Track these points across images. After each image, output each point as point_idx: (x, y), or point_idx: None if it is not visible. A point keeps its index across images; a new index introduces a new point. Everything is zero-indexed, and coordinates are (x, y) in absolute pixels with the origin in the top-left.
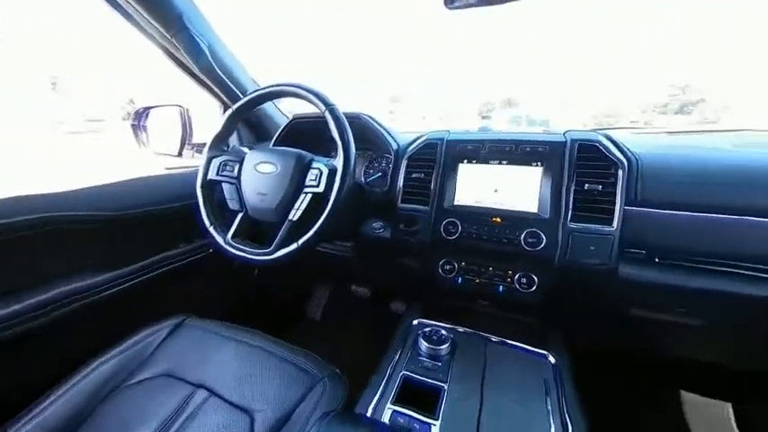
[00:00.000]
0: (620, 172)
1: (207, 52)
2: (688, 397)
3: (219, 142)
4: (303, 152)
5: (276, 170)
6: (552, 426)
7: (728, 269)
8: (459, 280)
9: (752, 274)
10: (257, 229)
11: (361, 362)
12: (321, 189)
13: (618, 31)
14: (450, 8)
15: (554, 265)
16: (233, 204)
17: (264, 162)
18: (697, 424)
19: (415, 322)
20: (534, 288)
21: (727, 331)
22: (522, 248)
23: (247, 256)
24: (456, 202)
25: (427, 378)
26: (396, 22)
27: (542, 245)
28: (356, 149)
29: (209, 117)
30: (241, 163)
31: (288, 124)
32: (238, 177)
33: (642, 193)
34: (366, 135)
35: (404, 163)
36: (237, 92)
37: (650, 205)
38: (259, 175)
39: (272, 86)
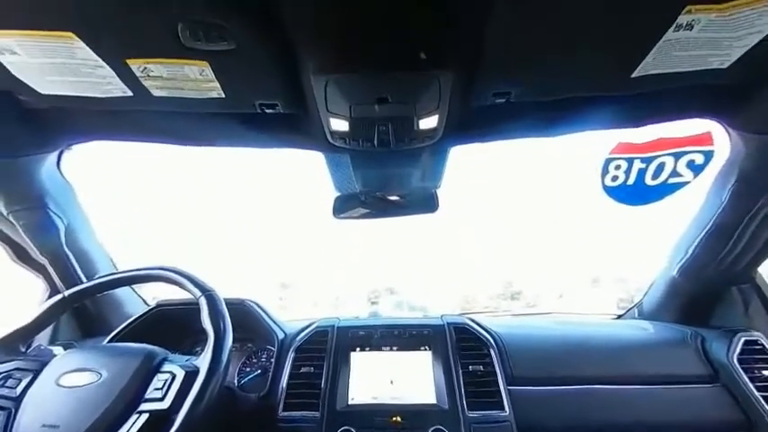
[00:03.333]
0: (493, 351)
1: (62, 232)
2: None
3: (14, 342)
4: (155, 349)
5: (98, 380)
6: None
7: None
8: None
9: None
10: None
11: None
12: (165, 404)
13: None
14: (337, 218)
15: None
16: None
17: (79, 370)
18: None
19: None
20: None
21: None
22: None
23: None
24: (351, 402)
25: None
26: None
27: None
28: (234, 341)
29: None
30: (37, 373)
31: (147, 313)
32: (19, 399)
33: (515, 370)
34: (248, 323)
35: (290, 356)
36: (80, 274)
37: (525, 383)
38: (60, 391)
39: (132, 271)
